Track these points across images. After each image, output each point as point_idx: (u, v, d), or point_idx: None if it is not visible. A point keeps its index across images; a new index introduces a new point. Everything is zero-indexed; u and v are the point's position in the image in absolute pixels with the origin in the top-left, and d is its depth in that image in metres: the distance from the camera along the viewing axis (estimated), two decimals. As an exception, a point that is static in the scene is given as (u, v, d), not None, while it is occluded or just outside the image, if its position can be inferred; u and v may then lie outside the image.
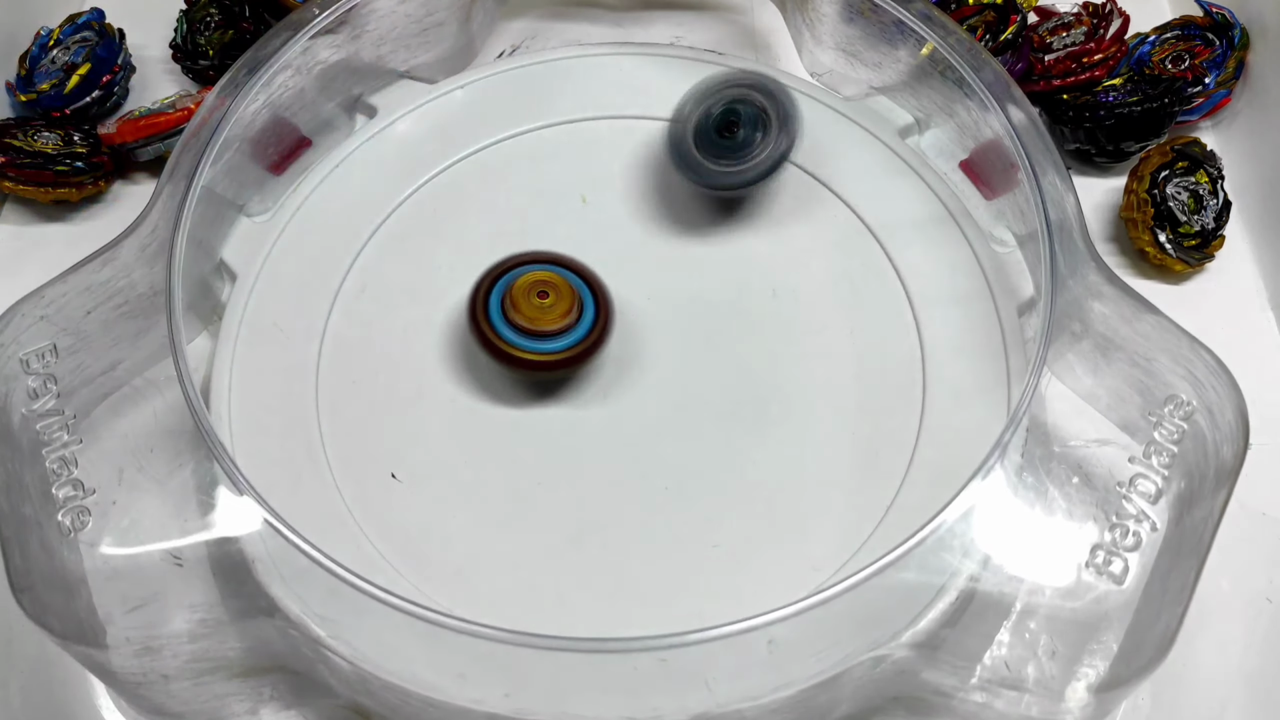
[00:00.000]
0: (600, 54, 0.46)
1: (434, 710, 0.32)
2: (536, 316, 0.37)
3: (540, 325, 0.37)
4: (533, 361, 0.37)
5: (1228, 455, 0.33)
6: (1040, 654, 0.32)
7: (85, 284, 0.36)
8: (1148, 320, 0.35)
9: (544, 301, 0.37)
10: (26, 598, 0.31)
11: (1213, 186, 0.44)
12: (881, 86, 0.44)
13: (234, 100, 0.39)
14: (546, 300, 0.37)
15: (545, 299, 0.37)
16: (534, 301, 0.37)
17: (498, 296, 0.37)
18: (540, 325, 0.37)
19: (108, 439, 0.37)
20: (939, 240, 0.41)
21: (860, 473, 0.37)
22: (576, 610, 0.34)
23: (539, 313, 0.37)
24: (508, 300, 0.37)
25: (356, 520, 0.36)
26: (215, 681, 0.34)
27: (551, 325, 0.37)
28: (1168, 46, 0.48)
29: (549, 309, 0.37)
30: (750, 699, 0.32)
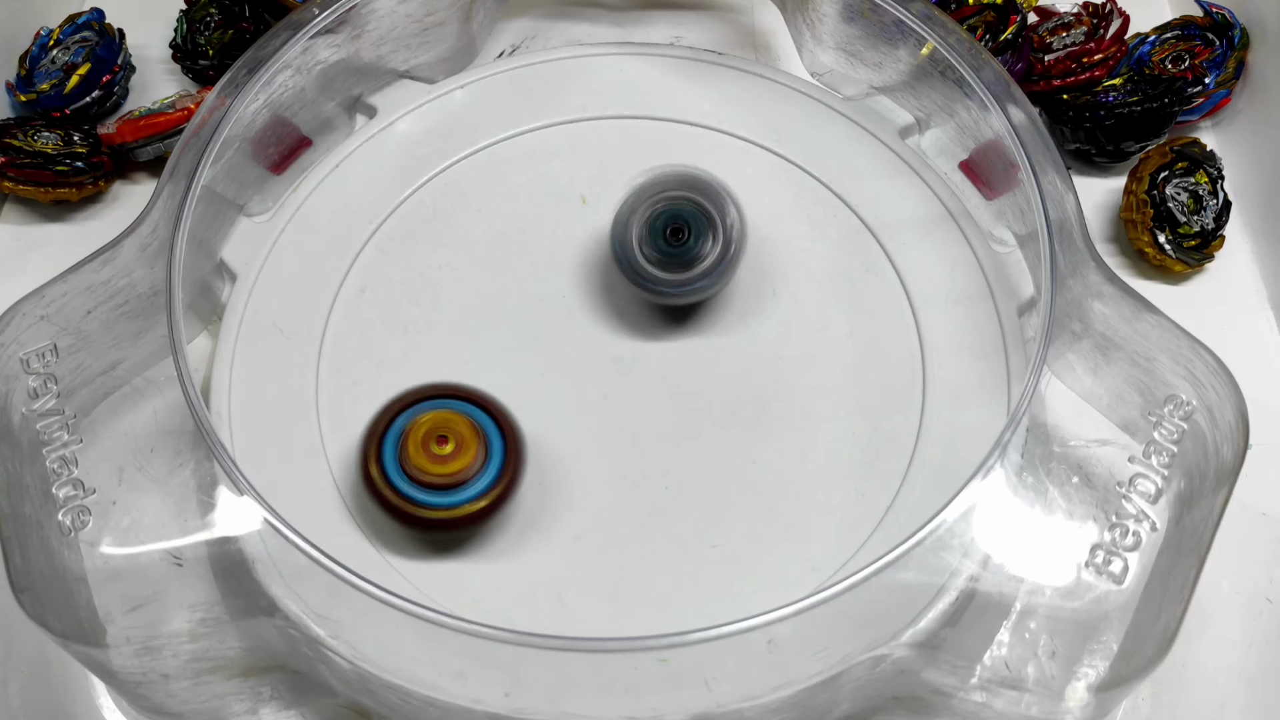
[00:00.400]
0: (600, 54, 0.46)
1: (434, 710, 0.32)
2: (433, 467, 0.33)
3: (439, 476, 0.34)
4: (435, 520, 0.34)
5: (1228, 455, 0.33)
6: (1040, 654, 0.32)
7: (86, 284, 0.36)
8: (1148, 320, 0.35)
9: (443, 448, 0.34)
10: (27, 597, 0.31)
11: (1212, 187, 0.44)
12: (882, 86, 0.44)
13: (234, 100, 0.39)
14: (446, 446, 0.34)
15: (445, 444, 0.34)
16: (432, 449, 0.34)
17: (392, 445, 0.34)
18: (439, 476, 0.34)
19: (108, 439, 0.37)
20: (939, 240, 0.41)
21: (860, 473, 0.37)
22: (576, 610, 0.34)
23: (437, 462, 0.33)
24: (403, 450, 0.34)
25: (356, 520, 0.36)
26: (215, 681, 0.34)
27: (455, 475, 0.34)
28: (1168, 46, 0.48)
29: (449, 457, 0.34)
30: (750, 699, 0.32)
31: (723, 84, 0.45)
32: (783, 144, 0.43)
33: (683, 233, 0.37)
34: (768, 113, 0.44)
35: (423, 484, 0.34)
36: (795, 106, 0.44)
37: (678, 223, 0.37)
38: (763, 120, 0.44)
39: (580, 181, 0.42)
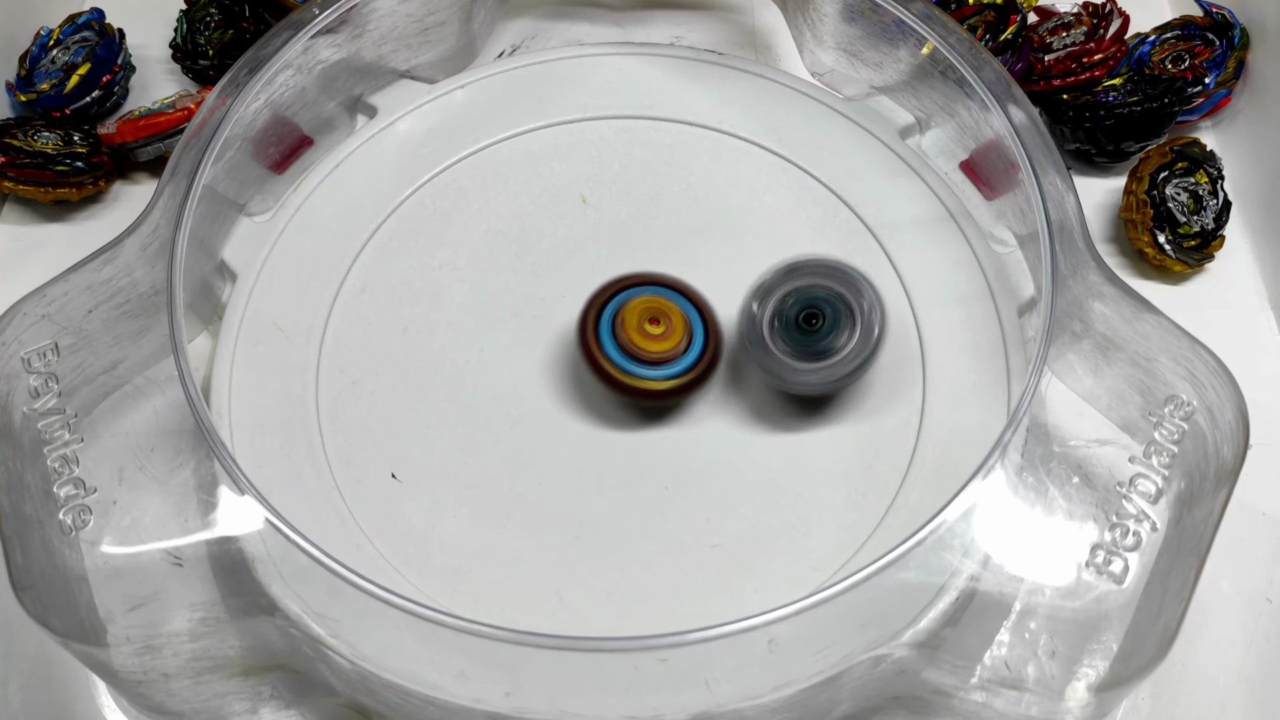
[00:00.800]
0: (600, 54, 0.46)
1: (434, 709, 0.32)
2: (647, 344, 0.36)
3: (650, 352, 0.36)
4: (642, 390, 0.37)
5: (1228, 455, 0.33)
6: (1040, 653, 0.32)
7: (86, 283, 0.36)
8: (1148, 320, 0.35)
9: (655, 328, 0.37)
10: (27, 596, 0.31)
11: (1212, 187, 0.44)
12: (882, 86, 0.44)
13: (235, 99, 0.39)
14: (657, 327, 0.37)
15: (656, 325, 0.37)
16: (646, 328, 0.37)
17: (608, 320, 0.37)
18: (650, 352, 0.36)
19: (109, 438, 0.37)
20: (939, 240, 0.41)
21: (860, 473, 0.37)
22: (576, 610, 0.34)
23: (649, 340, 0.37)
24: (618, 324, 0.37)
25: (356, 520, 0.36)
26: (216, 680, 0.34)
27: (661, 352, 0.37)
28: (1168, 46, 0.48)
29: (660, 336, 0.37)
30: (750, 698, 0.32)
31: (723, 84, 0.45)
32: (783, 144, 0.43)
33: (817, 319, 0.36)
34: (768, 113, 0.44)
35: (635, 358, 0.37)
36: (795, 106, 0.44)
37: (813, 309, 0.36)
38: (763, 120, 0.44)
39: (580, 181, 0.42)
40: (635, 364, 0.37)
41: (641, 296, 0.37)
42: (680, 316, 0.37)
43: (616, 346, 0.37)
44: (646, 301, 0.37)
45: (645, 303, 0.37)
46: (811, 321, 0.36)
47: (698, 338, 0.37)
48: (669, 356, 0.37)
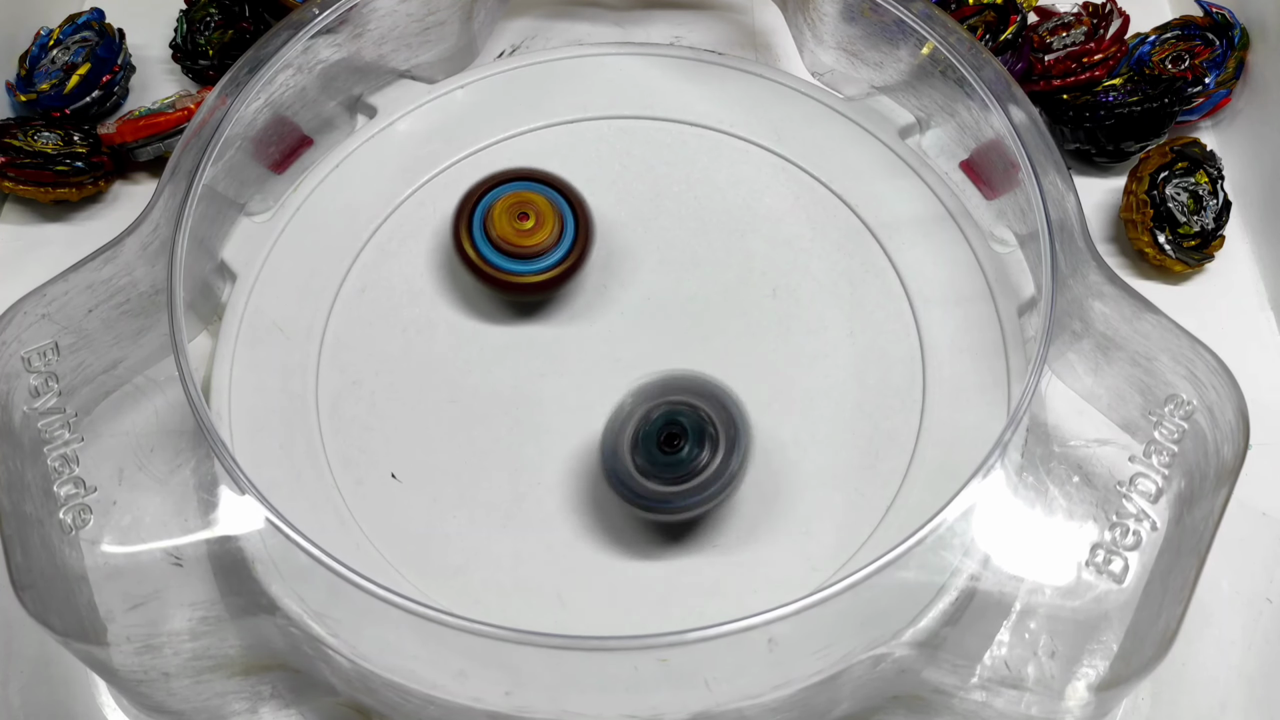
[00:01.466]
0: (600, 54, 0.46)
1: (434, 708, 0.32)
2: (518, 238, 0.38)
3: (521, 246, 0.38)
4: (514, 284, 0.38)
5: (1228, 455, 0.33)
6: (1040, 653, 0.32)
7: (87, 282, 0.36)
8: (1148, 320, 0.35)
9: (524, 224, 0.38)
10: (28, 595, 0.31)
11: (1212, 187, 0.44)
12: (882, 86, 0.44)
13: (235, 99, 0.39)
14: (527, 222, 0.38)
15: (526, 220, 0.38)
16: (515, 224, 0.38)
17: (480, 218, 0.38)
18: (521, 246, 0.38)
19: (109, 437, 0.37)
20: (939, 240, 0.41)
21: (860, 473, 0.37)
22: (576, 610, 0.34)
23: (521, 235, 0.38)
24: (489, 221, 0.38)
25: (356, 520, 0.36)
26: (216, 679, 0.34)
27: (532, 245, 0.38)
28: (1168, 46, 0.48)
29: (531, 231, 0.38)
30: (750, 698, 0.32)
31: (723, 84, 0.45)
32: (783, 144, 0.43)
33: (679, 440, 0.34)
34: (768, 113, 0.44)
35: (507, 253, 0.38)
36: (795, 106, 0.44)
37: (674, 429, 0.34)
38: (763, 120, 0.44)
39: (580, 181, 0.42)
40: (507, 259, 0.38)
41: (512, 192, 0.39)
42: (551, 210, 0.38)
43: (489, 243, 0.38)
44: (516, 196, 0.38)
45: (515, 198, 0.38)
46: (673, 442, 0.34)
47: (569, 230, 0.39)
48: (540, 250, 0.38)
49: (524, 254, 0.38)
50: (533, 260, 0.38)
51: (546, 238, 0.38)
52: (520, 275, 0.38)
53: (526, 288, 0.38)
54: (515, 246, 0.38)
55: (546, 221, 0.38)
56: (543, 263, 0.38)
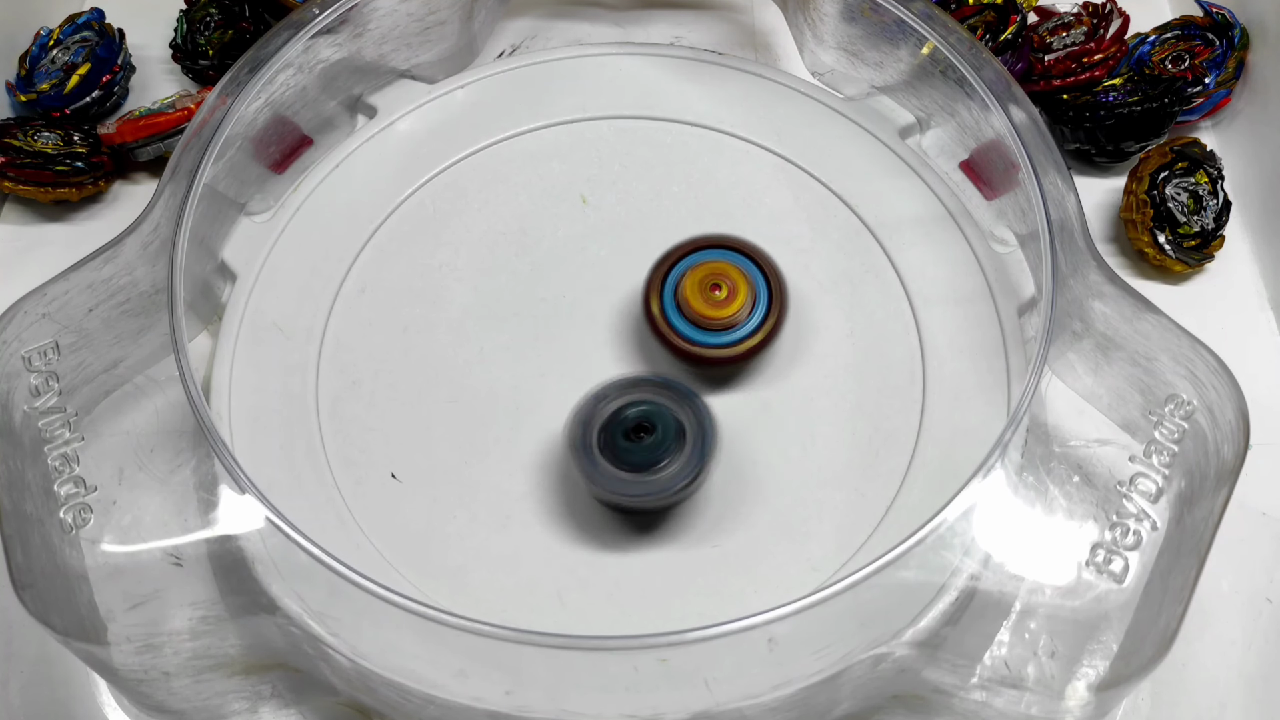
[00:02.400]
0: (600, 54, 0.46)
1: (434, 708, 0.32)
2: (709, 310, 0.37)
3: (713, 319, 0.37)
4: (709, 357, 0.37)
5: (1228, 455, 0.33)
6: (1040, 653, 0.32)
7: (87, 282, 0.36)
8: (1148, 320, 0.35)
9: (717, 295, 0.37)
10: (28, 595, 0.31)
11: (1212, 187, 0.44)
12: (883, 86, 0.44)
13: (235, 99, 0.39)
14: (720, 293, 0.37)
15: (718, 291, 0.37)
16: (708, 295, 0.37)
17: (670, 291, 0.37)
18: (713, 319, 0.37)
19: (109, 436, 0.37)
20: (939, 240, 0.41)
21: (860, 473, 0.37)
22: (576, 610, 0.34)
23: (712, 307, 0.37)
24: (680, 295, 0.37)
25: (356, 520, 0.36)
26: (216, 679, 0.34)
27: (725, 318, 0.37)
28: (1168, 46, 0.48)
29: (722, 302, 0.37)
30: (750, 698, 0.32)
31: (723, 84, 0.45)
32: (783, 144, 0.43)
33: (646, 432, 0.35)
34: (768, 113, 0.44)
35: (699, 325, 0.37)
36: (795, 106, 0.44)
37: (643, 422, 0.35)
38: (763, 120, 0.44)
39: (580, 181, 0.42)
40: (701, 332, 0.37)
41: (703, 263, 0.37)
42: (743, 279, 0.37)
43: (681, 317, 0.37)
44: (708, 267, 0.37)
45: (707, 268, 0.37)
46: (640, 434, 0.35)
47: (762, 298, 0.38)
48: (734, 321, 0.37)
49: (716, 326, 0.37)
50: (725, 332, 0.37)
51: (739, 309, 0.37)
52: (713, 348, 0.37)
53: (719, 361, 0.37)
54: (707, 319, 0.37)
55: (739, 292, 0.37)
56: (736, 334, 0.37)
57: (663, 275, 0.38)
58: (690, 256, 0.38)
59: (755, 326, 0.37)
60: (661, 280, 0.38)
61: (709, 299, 0.37)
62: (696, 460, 0.34)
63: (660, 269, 0.38)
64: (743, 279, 0.37)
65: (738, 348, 0.37)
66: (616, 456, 0.34)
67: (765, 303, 0.37)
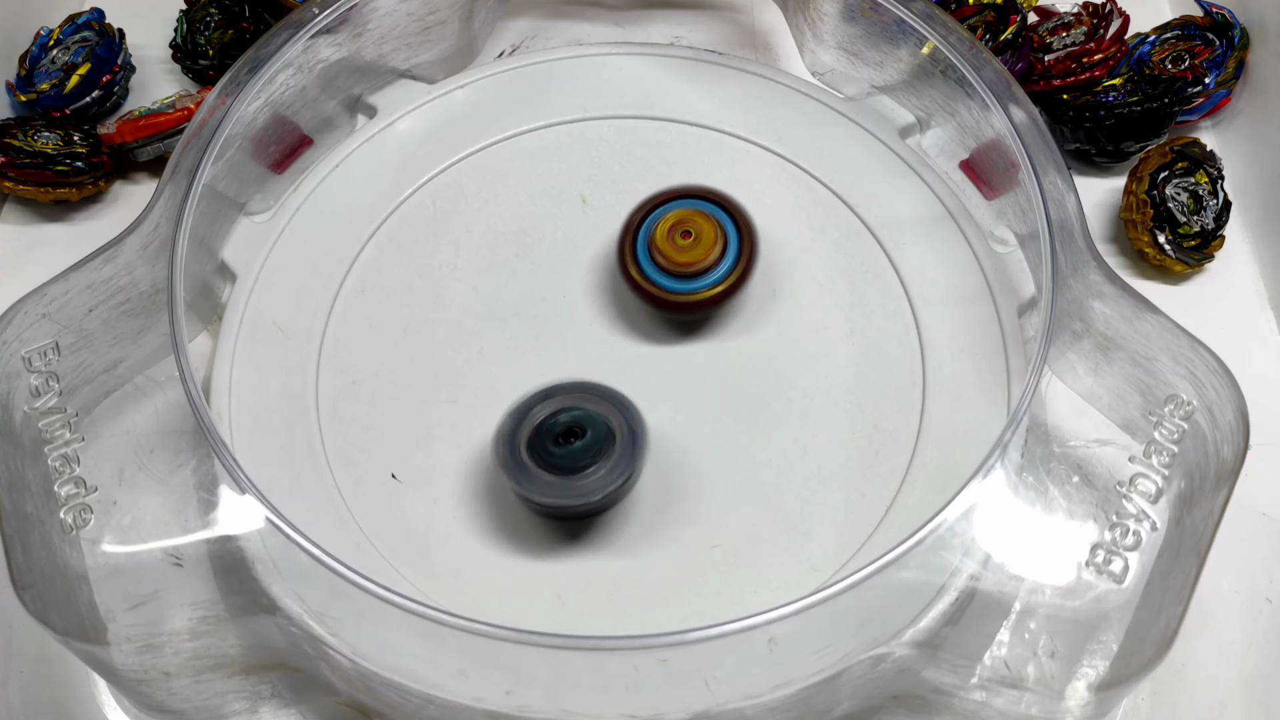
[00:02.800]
0: (600, 54, 0.46)
1: (434, 708, 0.32)
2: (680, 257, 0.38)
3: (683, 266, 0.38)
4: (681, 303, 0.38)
5: (1228, 455, 0.33)
6: (1040, 653, 0.32)
7: (87, 282, 0.36)
8: (1148, 320, 0.35)
9: (686, 241, 0.38)
10: (28, 595, 0.31)
11: (1212, 187, 0.44)
12: (883, 85, 0.44)
13: (235, 99, 0.39)
14: (689, 240, 0.38)
15: (688, 239, 0.38)
16: (677, 242, 0.38)
17: (644, 240, 0.38)
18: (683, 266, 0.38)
19: (109, 437, 0.37)
20: (939, 240, 0.41)
21: (860, 473, 0.37)
22: (576, 610, 0.34)
23: (682, 253, 0.38)
24: (652, 244, 0.38)
25: (356, 520, 0.36)
26: (216, 679, 0.34)
27: (695, 264, 0.38)
28: (1168, 46, 0.48)
29: (691, 248, 0.38)
30: (750, 698, 0.32)
31: (723, 84, 0.45)
32: (783, 144, 0.43)
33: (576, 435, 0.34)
34: (768, 113, 0.44)
35: (670, 272, 0.38)
36: (795, 106, 0.44)
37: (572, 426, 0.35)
38: (763, 120, 0.44)
39: (580, 181, 0.42)
40: (671, 279, 0.38)
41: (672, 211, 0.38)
42: (710, 225, 0.38)
43: (653, 265, 0.38)
44: (677, 215, 0.38)
45: (676, 216, 0.38)
46: (570, 438, 0.34)
47: (732, 243, 0.38)
48: (704, 267, 0.38)
49: (686, 273, 0.38)
50: (697, 279, 0.38)
51: (709, 255, 0.38)
52: (684, 294, 0.38)
53: (690, 306, 0.38)
54: (678, 266, 0.38)
55: (706, 238, 0.38)
56: (707, 280, 0.38)
57: (635, 227, 0.39)
58: (662, 207, 0.39)
59: (727, 270, 0.38)
60: (635, 231, 0.39)
61: (678, 246, 0.38)
62: (627, 463, 0.34)
63: (633, 221, 0.39)
64: (710, 225, 0.38)
65: (710, 291, 0.38)
66: (545, 461, 0.34)
67: (736, 247, 0.38)
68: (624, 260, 0.38)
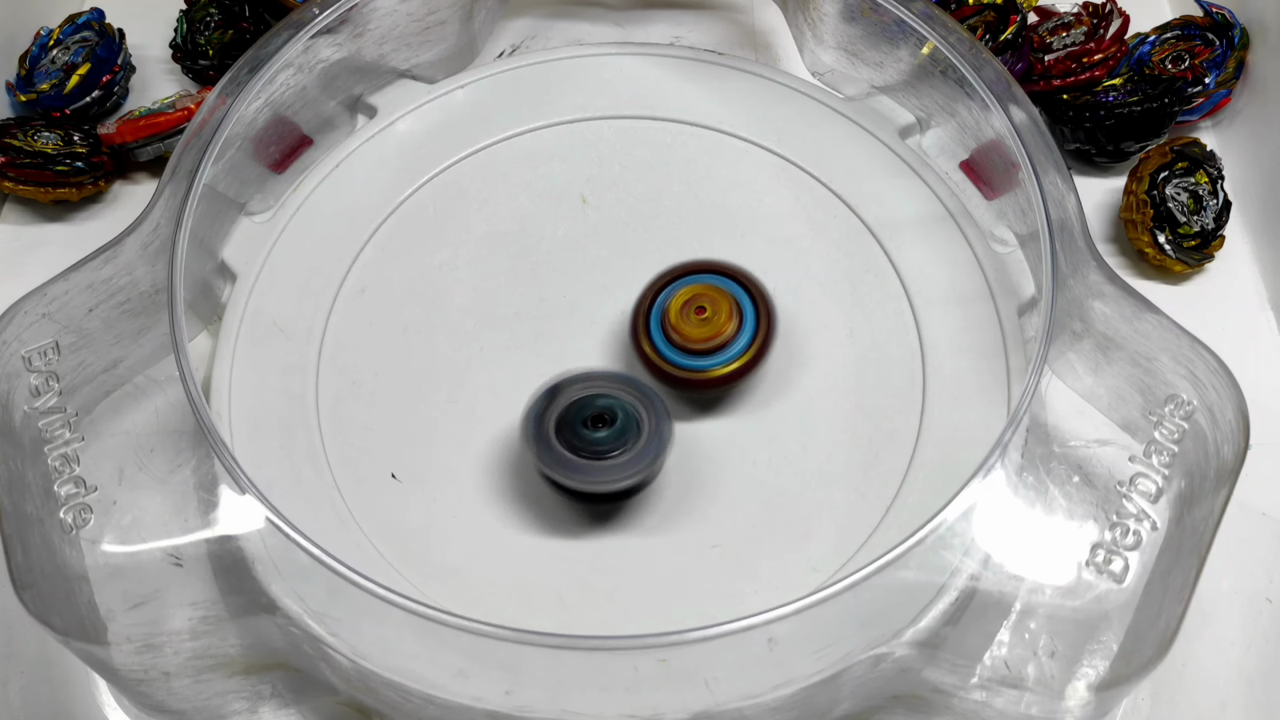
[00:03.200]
0: (600, 54, 0.46)
1: (434, 708, 0.32)
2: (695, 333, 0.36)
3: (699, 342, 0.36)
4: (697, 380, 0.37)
5: (1228, 455, 0.33)
6: (1040, 653, 0.32)
7: (87, 282, 0.36)
8: (1149, 320, 0.35)
9: (701, 317, 0.36)
10: (28, 595, 0.31)
11: (1212, 187, 0.44)
12: (883, 86, 0.44)
13: (235, 99, 0.39)
14: (704, 315, 0.37)
15: (703, 314, 0.37)
16: (692, 318, 0.36)
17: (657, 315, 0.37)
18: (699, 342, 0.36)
19: (109, 437, 0.37)
20: (939, 240, 0.41)
21: (860, 473, 0.37)
22: (576, 610, 0.34)
23: (697, 329, 0.36)
24: (666, 319, 0.37)
25: (356, 520, 0.36)
26: (216, 679, 0.34)
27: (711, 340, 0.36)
28: (1168, 46, 0.48)
29: (706, 324, 0.36)
30: (750, 697, 0.32)
31: (723, 84, 0.45)
32: (783, 144, 0.43)
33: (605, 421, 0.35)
34: (768, 113, 0.44)
35: (685, 349, 0.37)
36: (795, 106, 0.44)
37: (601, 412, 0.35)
38: (763, 120, 0.44)
39: (580, 181, 0.42)
40: (686, 356, 0.37)
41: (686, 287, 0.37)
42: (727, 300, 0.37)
43: (666, 341, 0.37)
44: (691, 290, 0.37)
45: (689, 292, 0.37)
46: (599, 423, 0.35)
47: (749, 319, 0.37)
48: (721, 343, 0.37)
49: (702, 349, 0.37)
50: (713, 355, 0.37)
51: (725, 330, 0.36)
52: (701, 371, 0.37)
53: (707, 383, 0.37)
54: (693, 342, 0.36)
55: (722, 313, 0.36)
56: (723, 356, 0.37)
57: (648, 303, 0.37)
58: (675, 283, 0.38)
59: (744, 346, 0.37)
60: (648, 308, 0.37)
61: (693, 322, 0.36)
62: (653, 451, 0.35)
63: (645, 298, 0.38)
64: (725, 299, 0.37)
65: (727, 368, 0.37)
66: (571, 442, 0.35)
67: (753, 322, 0.37)
68: (638, 337, 0.37)
